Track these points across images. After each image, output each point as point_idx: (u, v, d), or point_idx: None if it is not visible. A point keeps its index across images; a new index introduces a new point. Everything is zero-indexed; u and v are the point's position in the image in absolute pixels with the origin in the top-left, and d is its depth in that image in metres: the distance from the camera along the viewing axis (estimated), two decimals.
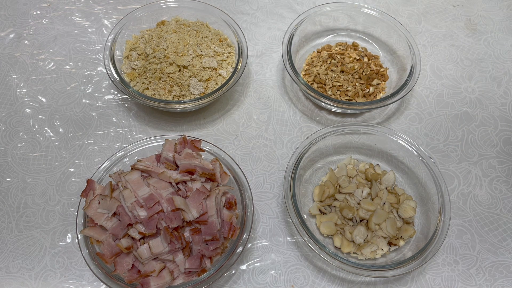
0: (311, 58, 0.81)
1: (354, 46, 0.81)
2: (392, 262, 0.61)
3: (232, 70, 0.73)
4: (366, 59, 0.79)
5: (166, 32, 0.75)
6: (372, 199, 0.65)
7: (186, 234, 0.56)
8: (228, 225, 0.57)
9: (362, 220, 0.64)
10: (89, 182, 0.59)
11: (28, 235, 0.64)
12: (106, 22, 0.85)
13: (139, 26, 0.78)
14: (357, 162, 0.71)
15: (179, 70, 0.71)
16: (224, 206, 0.59)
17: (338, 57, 0.79)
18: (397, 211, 0.65)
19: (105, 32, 0.84)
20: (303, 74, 0.79)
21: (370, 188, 0.66)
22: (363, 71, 0.77)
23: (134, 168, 0.59)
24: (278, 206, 0.67)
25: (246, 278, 0.62)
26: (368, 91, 0.75)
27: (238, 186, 0.61)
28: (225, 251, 0.58)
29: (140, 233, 0.54)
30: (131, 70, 0.72)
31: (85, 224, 0.58)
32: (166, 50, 0.72)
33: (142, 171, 0.59)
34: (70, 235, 0.64)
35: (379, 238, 0.62)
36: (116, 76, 0.70)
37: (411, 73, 0.73)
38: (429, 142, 0.74)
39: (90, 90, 0.77)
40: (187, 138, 0.62)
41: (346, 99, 0.74)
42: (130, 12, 0.77)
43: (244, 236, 0.58)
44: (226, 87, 0.69)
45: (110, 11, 0.87)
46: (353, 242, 0.62)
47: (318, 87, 0.76)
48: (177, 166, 0.59)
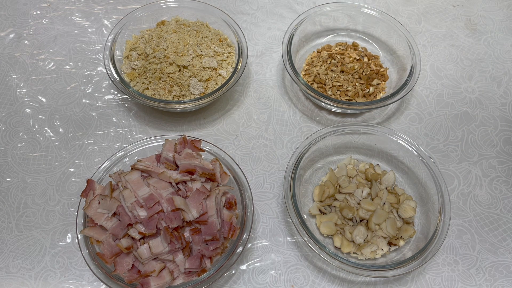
0: (311, 58, 0.81)
1: (354, 46, 0.81)
2: (392, 262, 0.61)
3: (232, 70, 0.74)
4: (366, 59, 0.79)
5: (166, 32, 0.75)
6: (372, 199, 0.65)
7: (186, 234, 0.56)
8: (228, 225, 0.57)
9: (362, 220, 0.64)
10: (89, 182, 0.59)
11: (28, 235, 0.64)
12: (106, 22, 0.85)
13: (139, 26, 0.78)
14: (357, 162, 0.71)
15: (179, 70, 0.71)
16: (224, 206, 0.59)
17: (338, 57, 0.79)
18: (397, 211, 0.65)
19: (105, 32, 0.84)
20: (303, 74, 0.79)
21: (370, 188, 0.66)
22: (363, 71, 0.77)
23: (134, 168, 0.59)
24: (278, 206, 0.67)
25: (246, 278, 0.62)
26: (368, 91, 0.75)
27: (238, 186, 0.61)
28: (225, 251, 0.58)
29: (140, 233, 0.54)
30: (131, 70, 0.72)
31: (85, 224, 0.58)
32: (166, 50, 0.72)
33: (142, 171, 0.59)
34: (70, 235, 0.64)
35: (379, 238, 0.62)
36: (116, 76, 0.70)
37: (411, 73, 0.73)
38: (429, 142, 0.74)
39: (90, 90, 0.77)
40: (187, 138, 0.62)
41: (346, 99, 0.74)
42: (130, 12, 0.77)
43: (244, 236, 0.58)
44: (226, 87, 0.69)
45: (110, 11, 0.87)
46: (353, 242, 0.62)
47: (318, 87, 0.76)
48: (177, 166, 0.59)
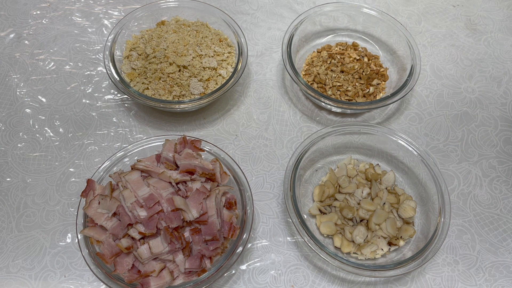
0: (311, 58, 0.81)
1: (354, 46, 0.81)
2: (392, 262, 0.61)
3: (232, 70, 0.74)
4: (366, 59, 0.79)
5: (166, 32, 0.75)
6: (372, 199, 0.65)
7: (186, 234, 0.56)
8: (228, 225, 0.57)
9: (362, 220, 0.64)
10: (89, 182, 0.59)
11: (28, 235, 0.64)
12: (106, 22, 0.85)
13: (139, 26, 0.78)
14: (357, 162, 0.71)
15: (179, 70, 0.71)
16: (224, 206, 0.59)
17: (338, 57, 0.79)
18: (397, 211, 0.65)
19: (105, 32, 0.84)
20: (303, 74, 0.79)
21: (370, 188, 0.66)
22: (363, 71, 0.77)
23: (134, 168, 0.59)
24: (278, 206, 0.67)
25: (246, 278, 0.62)
26: (368, 91, 0.75)
27: (238, 186, 0.61)
28: (225, 251, 0.58)
29: (140, 233, 0.54)
30: (131, 70, 0.72)
31: (85, 224, 0.58)
32: (166, 50, 0.72)
33: (142, 171, 0.59)
34: (70, 235, 0.64)
35: (379, 238, 0.62)
36: (116, 76, 0.70)
37: (411, 73, 0.73)
38: (429, 142, 0.74)
39: (90, 90, 0.77)
40: (187, 138, 0.62)
41: (346, 99, 0.74)
42: (130, 12, 0.77)
43: (244, 236, 0.58)
44: (226, 87, 0.69)
45: (110, 11, 0.87)
46: (353, 242, 0.62)
47: (318, 87, 0.76)
48: (177, 166, 0.59)
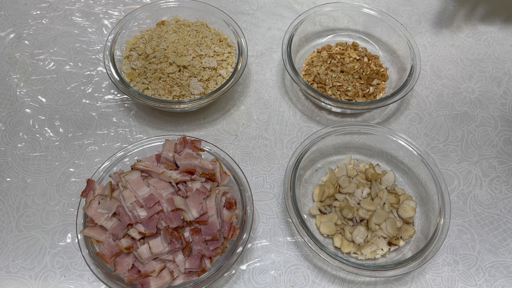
0: (311, 58, 0.81)
1: (354, 46, 0.81)
2: (392, 262, 0.61)
3: (232, 70, 0.74)
4: (366, 59, 0.79)
5: (166, 32, 0.75)
6: (372, 199, 0.65)
7: (186, 234, 0.56)
8: (228, 225, 0.57)
9: (362, 220, 0.64)
10: (89, 182, 0.59)
11: (28, 235, 0.64)
12: (106, 22, 0.85)
13: (139, 26, 0.78)
14: (357, 162, 0.71)
15: (179, 70, 0.71)
16: (224, 206, 0.59)
17: (338, 57, 0.79)
18: (397, 211, 0.65)
19: (105, 32, 0.84)
20: (303, 74, 0.79)
21: (370, 188, 0.66)
22: (363, 71, 0.77)
23: (134, 168, 0.59)
24: (278, 206, 0.67)
25: (246, 278, 0.62)
26: (368, 91, 0.75)
27: (238, 186, 0.61)
28: (225, 251, 0.58)
29: (140, 233, 0.54)
30: (131, 70, 0.72)
31: (85, 224, 0.58)
32: (166, 50, 0.72)
33: (142, 171, 0.59)
34: (70, 235, 0.64)
35: (379, 238, 0.62)
36: (116, 76, 0.70)
37: (411, 73, 0.73)
38: (429, 142, 0.74)
39: (90, 90, 0.77)
40: (187, 138, 0.62)
41: (346, 99, 0.74)
42: (130, 12, 0.77)
43: (244, 236, 0.58)
44: (226, 87, 0.69)
45: (110, 11, 0.87)
46: (353, 242, 0.62)
47: (318, 87, 0.76)
48: (177, 166, 0.59)
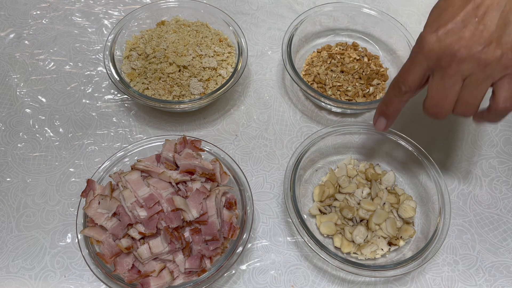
0: (311, 58, 0.81)
1: (354, 46, 0.81)
2: (392, 262, 0.61)
3: (232, 70, 0.74)
4: (366, 59, 0.79)
5: (166, 32, 0.75)
6: (372, 199, 0.65)
7: (186, 234, 0.56)
8: (228, 225, 0.57)
9: (362, 220, 0.64)
10: (89, 182, 0.59)
11: (28, 235, 0.64)
12: (106, 22, 0.85)
13: (139, 26, 0.78)
14: (357, 162, 0.71)
15: (179, 70, 0.71)
16: (224, 206, 0.59)
17: (338, 57, 0.79)
18: (397, 211, 0.65)
19: (105, 32, 0.84)
20: (303, 74, 0.79)
21: (370, 188, 0.66)
22: (363, 71, 0.77)
23: (134, 168, 0.59)
24: (278, 206, 0.67)
25: (246, 278, 0.62)
26: (368, 91, 0.75)
27: (238, 186, 0.61)
28: (225, 251, 0.58)
29: (140, 233, 0.54)
30: (131, 70, 0.72)
31: (85, 224, 0.58)
32: (166, 50, 0.72)
33: (142, 171, 0.59)
34: (70, 235, 0.64)
35: (379, 238, 0.62)
36: (116, 76, 0.70)
37: None
38: (429, 142, 0.74)
39: (90, 90, 0.77)
40: (187, 138, 0.62)
41: (346, 99, 0.74)
42: (130, 12, 0.77)
43: (244, 236, 0.58)
44: (226, 87, 0.69)
45: (110, 11, 0.87)
46: (353, 242, 0.62)
47: (318, 87, 0.76)
48: (177, 166, 0.59)
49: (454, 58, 0.46)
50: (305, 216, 0.64)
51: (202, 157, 0.62)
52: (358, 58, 0.79)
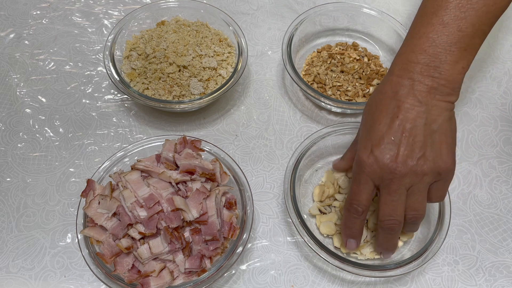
0: (311, 58, 0.81)
1: (354, 46, 0.81)
2: (392, 262, 0.61)
3: (232, 70, 0.74)
4: (366, 59, 0.79)
5: (166, 32, 0.75)
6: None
7: (186, 234, 0.56)
8: (228, 225, 0.57)
9: None
10: (89, 182, 0.59)
11: (28, 235, 0.64)
12: (106, 22, 0.85)
13: (139, 26, 0.78)
14: None
15: (179, 70, 0.71)
16: (224, 206, 0.59)
17: (338, 57, 0.79)
18: None
19: (105, 32, 0.84)
20: (303, 74, 0.79)
21: None
22: (363, 71, 0.77)
23: (134, 168, 0.59)
24: (278, 206, 0.67)
25: (246, 278, 0.62)
26: (368, 91, 0.75)
27: (238, 186, 0.61)
28: (225, 251, 0.58)
29: (140, 233, 0.54)
30: (131, 70, 0.72)
31: (85, 224, 0.58)
32: (166, 50, 0.72)
33: (142, 171, 0.59)
34: (70, 235, 0.64)
35: None
36: (116, 76, 0.70)
37: None
38: None
39: (90, 90, 0.77)
40: (187, 138, 0.62)
41: (346, 99, 0.74)
42: (130, 12, 0.77)
43: (244, 236, 0.58)
44: (226, 87, 0.69)
45: (110, 11, 0.87)
46: None
47: (318, 87, 0.76)
48: (177, 166, 0.59)
49: (395, 175, 0.49)
50: (305, 216, 0.64)
51: (202, 157, 0.62)
52: (358, 58, 0.79)
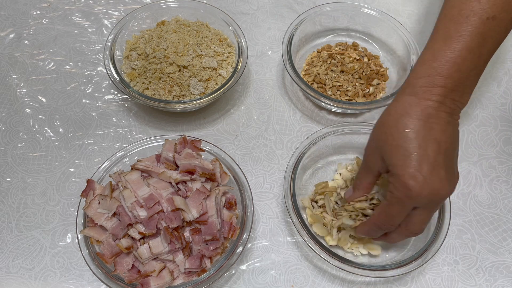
0: (311, 58, 0.81)
1: (354, 46, 0.81)
2: (392, 262, 0.61)
3: (232, 70, 0.74)
4: (366, 59, 0.79)
5: (166, 32, 0.75)
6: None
7: (186, 234, 0.56)
8: (228, 225, 0.57)
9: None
10: (89, 182, 0.59)
11: (28, 235, 0.64)
12: (106, 22, 0.85)
13: (139, 26, 0.78)
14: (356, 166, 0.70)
15: (179, 70, 0.71)
16: (224, 206, 0.59)
17: (338, 57, 0.79)
18: None
19: (105, 32, 0.84)
20: (303, 74, 0.79)
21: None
22: (363, 71, 0.77)
23: (134, 168, 0.59)
24: (278, 206, 0.67)
25: (246, 278, 0.62)
26: (368, 91, 0.75)
27: (238, 186, 0.61)
28: (225, 251, 0.58)
29: (140, 233, 0.54)
30: (131, 70, 0.72)
31: (85, 224, 0.58)
32: (166, 50, 0.72)
33: (142, 171, 0.59)
34: (70, 235, 0.64)
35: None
36: (116, 76, 0.70)
37: None
38: None
39: (90, 90, 0.77)
40: (187, 138, 0.62)
41: (346, 99, 0.74)
42: (130, 12, 0.77)
43: (244, 236, 0.58)
44: (226, 87, 0.69)
45: (110, 11, 0.87)
46: (337, 232, 0.61)
47: (318, 87, 0.76)
48: (177, 166, 0.59)
49: (442, 197, 0.50)
50: (305, 216, 0.64)
51: (202, 157, 0.62)
52: (358, 58, 0.79)
